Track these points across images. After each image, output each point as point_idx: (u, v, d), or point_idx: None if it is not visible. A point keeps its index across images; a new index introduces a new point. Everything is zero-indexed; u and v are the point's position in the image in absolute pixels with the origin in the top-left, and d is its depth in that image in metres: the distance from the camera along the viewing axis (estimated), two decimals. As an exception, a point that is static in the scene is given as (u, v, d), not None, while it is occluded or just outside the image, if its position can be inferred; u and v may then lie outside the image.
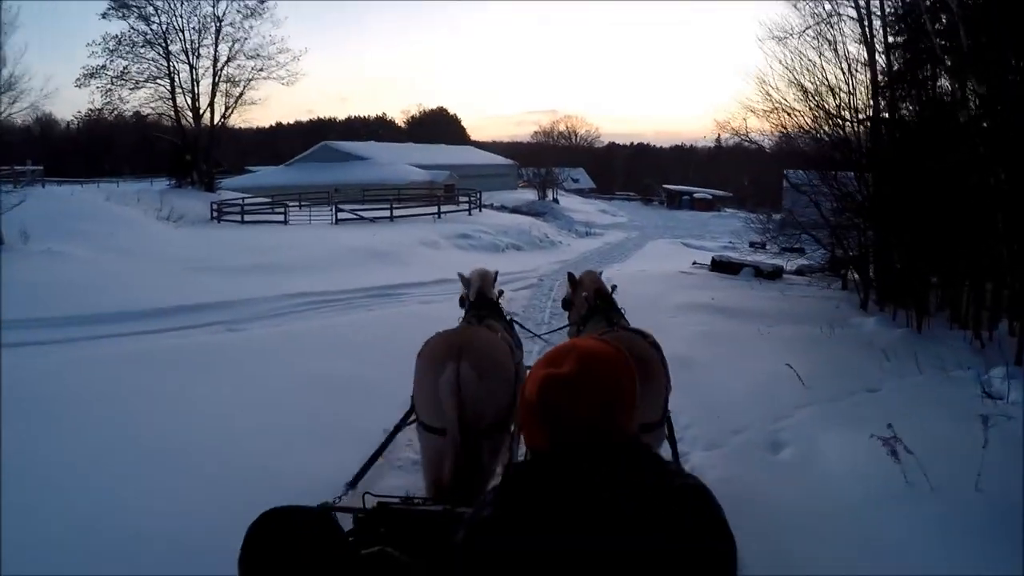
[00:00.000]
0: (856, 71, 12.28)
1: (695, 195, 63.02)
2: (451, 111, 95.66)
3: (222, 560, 1.70)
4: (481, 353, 3.12)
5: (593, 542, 1.18)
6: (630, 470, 1.27)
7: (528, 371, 1.72)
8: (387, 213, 25.23)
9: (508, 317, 4.39)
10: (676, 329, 8.82)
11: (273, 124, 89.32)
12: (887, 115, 11.78)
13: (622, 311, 4.12)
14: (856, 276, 13.37)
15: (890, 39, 11.75)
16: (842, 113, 12.43)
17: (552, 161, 55.23)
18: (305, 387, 6.10)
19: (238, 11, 31.32)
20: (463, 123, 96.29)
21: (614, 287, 4.41)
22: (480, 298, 4.16)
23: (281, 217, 24.82)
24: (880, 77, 11.89)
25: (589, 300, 4.13)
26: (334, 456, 4.12)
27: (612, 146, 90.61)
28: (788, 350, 7.63)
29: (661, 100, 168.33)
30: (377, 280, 13.22)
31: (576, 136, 70.21)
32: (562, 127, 68.08)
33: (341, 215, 24.88)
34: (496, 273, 4.54)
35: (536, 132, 66.98)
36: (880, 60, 11.84)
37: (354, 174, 40.06)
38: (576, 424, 1.31)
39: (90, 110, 32.97)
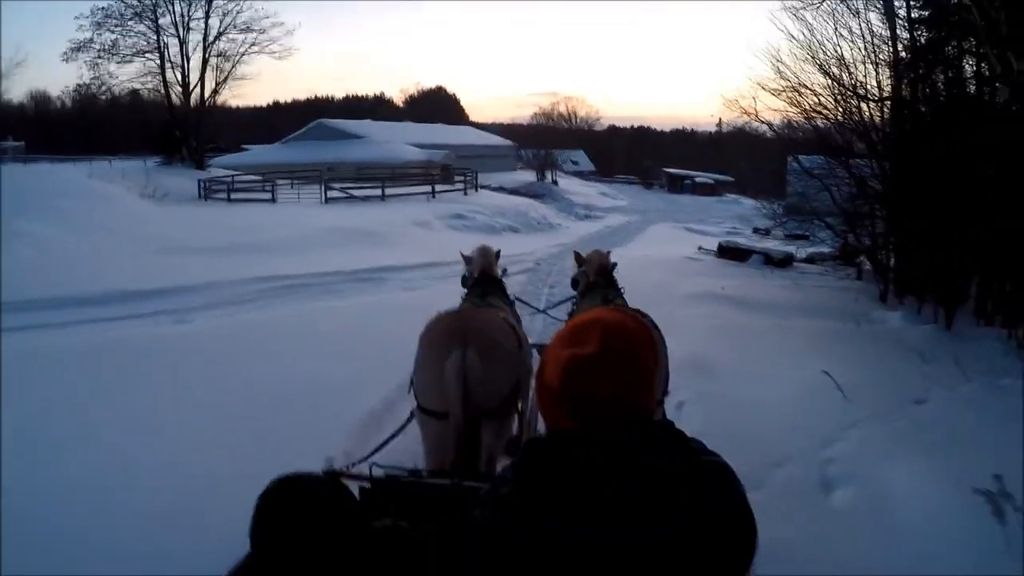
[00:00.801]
0: (878, 47, 11.36)
1: (696, 179, 62.17)
2: (450, 91, 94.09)
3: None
4: (487, 338, 3.04)
5: (612, 528, 1.16)
6: (652, 448, 1.27)
7: (543, 350, 1.62)
8: (379, 192, 24.24)
9: (512, 297, 4.34)
10: (688, 322, 7.97)
11: (270, 103, 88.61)
12: (909, 95, 10.97)
13: (621, 290, 4.11)
14: (872, 266, 12.55)
15: (914, 13, 10.88)
16: (859, 92, 11.58)
17: (552, 143, 54.27)
18: (241, 398, 5.03)
19: (225, -21, 30.22)
20: (462, 103, 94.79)
21: (614, 265, 4.37)
22: (483, 276, 4.13)
23: (269, 195, 23.82)
24: (902, 55, 11.03)
25: (589, 277, 4.16)
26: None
27: (613, 129, 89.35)
28: (813, 349, 6.91)
29: (663, 83, 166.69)
30: (360, 262, 12.25)
31: (576, 118, 68.98)
32: (562, 108, 66.74)
33: (331, 194, 23.93)
34: (499, 252, 4.47)
35: (536, 113, 65.55)
36: (903, 36, 10.98)
37: (349, 153, 39.10)
38: (600, 403, 1.32)
39: (79, 85, 31.90)
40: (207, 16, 30.35)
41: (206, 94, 31.14)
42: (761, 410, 5.01)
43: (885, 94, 11.45)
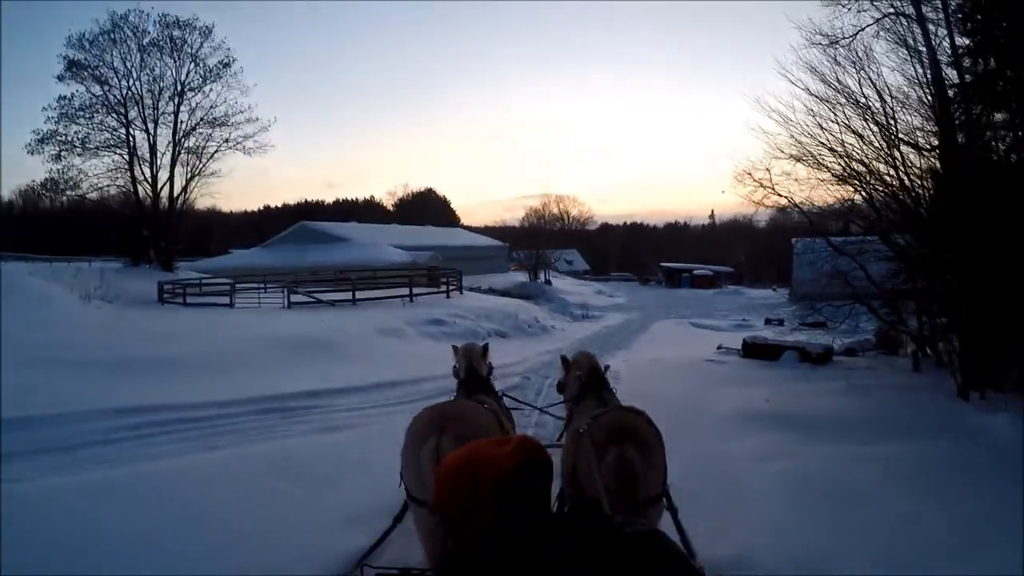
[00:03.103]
0: (921, 88, 9.86)
1: (695, 272, 60.39)
2: (440, 192, 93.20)
3: None
4: (464, 425, 3.11)
5: None
6: (578, 533, 1.41)
7: None
8: (350, 296, 21.76)
9: (500, 393, 4.34)
10: (746, 471, 5.37)
11: (261, 207, 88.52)
12: (964, 139, 9.47)
13: (614, 390, 4.09)
14: (925, 353, 11.24)
15: (957, 40, 9.48)
16: (902, 138, 9.91)
17: (545, 243, 52.78)
18: None
19: (197, 74, 29.00)
20: (453, 206, 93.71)
21: (607, 367, 4.29)
22: (470, 375, 4.15)
23: (227, 300, 21.44)
24: (951, 91, 9.56)
25: (582, 379, 4.10)
26: None
27: (605, 227, 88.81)
28: (955, 509, 4.55)
29: (653, 179, 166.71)
30: (292, 384, 9.40)
31: (568, 217, 68.18)
32: (554, 209, 65.74)
33: (295, 298, 21.46)
34: (486, 345, 4.56)
35: (528, 213, 64.34)
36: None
37: (331, 255, 37.44)
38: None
39: (46, 179, 29.99)
40: (176, 111, 28.90)
41: (176, 192, 29.40)
42: None
43: (933, 143, 9.80)
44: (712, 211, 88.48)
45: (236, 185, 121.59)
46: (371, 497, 4.57)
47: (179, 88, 28.98)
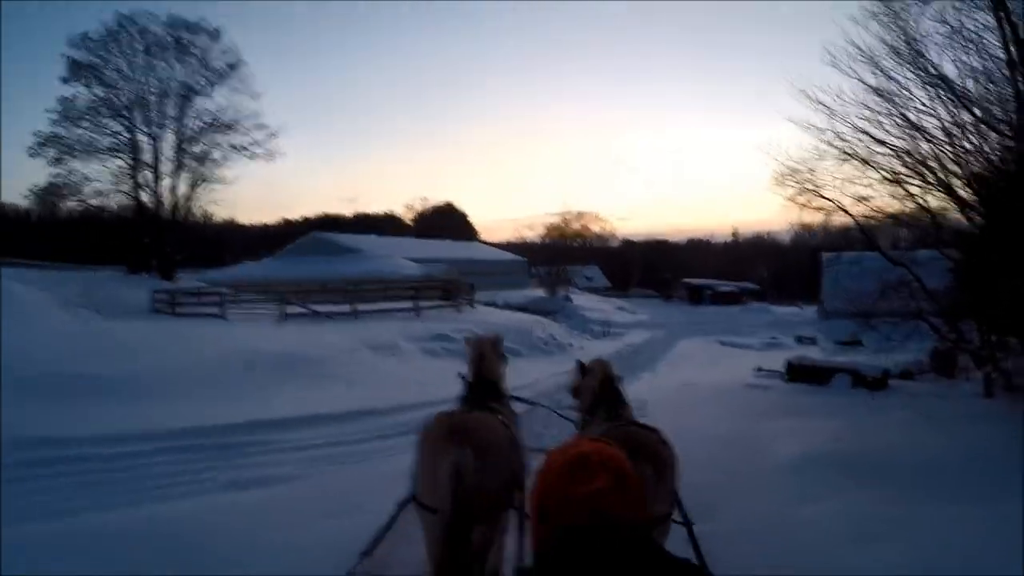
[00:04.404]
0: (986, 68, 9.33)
1: (719, 288, 58.50)
2: (459, 207, 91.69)
3: None
4: (482, 438, 3.10)
5: None
6: (632, 560, 1.32)
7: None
8: (350, 309, 20.31)
9: (508, 395, 4.12)
10: (845, 555, 3.71)
11: (280, 220, 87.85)
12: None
13: (628, 403, 3.90)
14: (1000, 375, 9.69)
15: None
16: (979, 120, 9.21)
17: (565, 259, 51.20)
18: None
19: (203, 76, 27.97)
20: (473, 222, 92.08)
21: (620, 378, 4.04)
22: (479, 380, 3.88)
23: (218, 311, 20.08)
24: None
25: (594, 389, 3.91)
26: None
27: (627, 243, 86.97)
28: None
29: (675, 198, 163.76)
30: (237, 413, 7.63)
31: (589, 234, 66.50)
32: (575, 225, 63.87)
33: (292, 310, 19.97)
34: (499, 338, 4.24)
35: (549, 228, 62.35)
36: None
37: (342, 267, 35.99)
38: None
39: (48, 183, 29.12)
40: (181, 115, 27.86)
41: (179, 199, 28.44)
42: None
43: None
44: (735, 228, 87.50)
45: (256, 198, 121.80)
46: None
47: (184, 91, 28.02)
